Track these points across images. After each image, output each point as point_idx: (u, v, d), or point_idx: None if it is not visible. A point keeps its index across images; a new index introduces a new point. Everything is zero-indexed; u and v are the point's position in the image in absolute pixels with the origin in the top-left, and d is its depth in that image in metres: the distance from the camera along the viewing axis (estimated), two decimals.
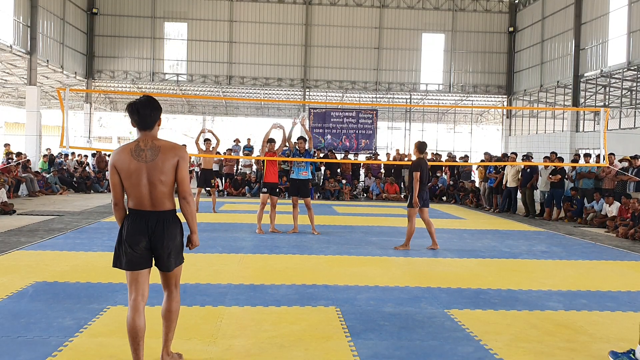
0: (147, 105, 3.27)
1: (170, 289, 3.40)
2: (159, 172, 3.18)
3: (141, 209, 3.22)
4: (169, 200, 3.26)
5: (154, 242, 3.22)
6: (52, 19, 21.03)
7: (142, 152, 3.20)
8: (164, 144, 3.26)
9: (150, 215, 3.21)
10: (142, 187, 3.19)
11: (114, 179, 3.23)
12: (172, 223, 3.26)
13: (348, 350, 3.86)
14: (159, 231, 3.21)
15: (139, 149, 3.20)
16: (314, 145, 20.68)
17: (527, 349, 3.98)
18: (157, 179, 3.18)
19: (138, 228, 3.20)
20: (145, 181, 3.18)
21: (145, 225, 3.20)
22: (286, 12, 24.91)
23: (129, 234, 3.21)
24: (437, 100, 27.35)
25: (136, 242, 3.20)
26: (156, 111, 3.29)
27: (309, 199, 9.47)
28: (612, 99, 21.54)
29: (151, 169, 3.18)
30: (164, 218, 3.23)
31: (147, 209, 3.22)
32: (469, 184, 17.02)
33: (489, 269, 6.92)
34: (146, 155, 3.19)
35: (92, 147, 25.29)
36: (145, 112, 3.25)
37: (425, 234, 9.68)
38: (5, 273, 5.81)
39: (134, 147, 3.21)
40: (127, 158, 3.18)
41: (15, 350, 3.67)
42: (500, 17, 25.57)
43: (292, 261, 7.02)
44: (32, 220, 10.08)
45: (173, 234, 3.26)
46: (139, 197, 3.21)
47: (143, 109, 3.25)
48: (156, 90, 26.15)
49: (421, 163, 8.06)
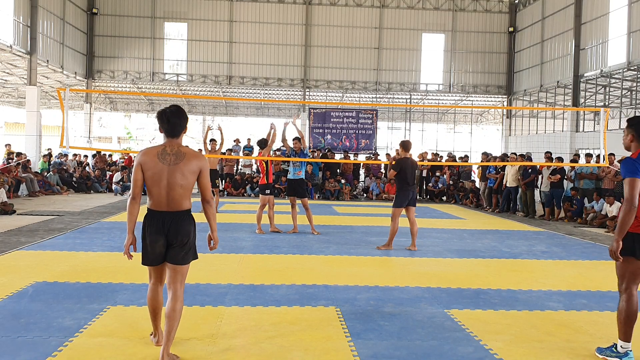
0: (177, 114, 3.52)
1: (175, 287, 3.54)
2: (180, 175, 3.44)
3: (158, 209, 3.47)
4: (185, 201, 3.51)
5: (169, 239, 3.48)
6: (52, 19, 21.04)
7: (167, 155, 3.46)
8: (188, 151, 3.53)
9: (166, 216, 3.47)
10: (161, 188, 3.44)
11: (137, 175, 3.46)
12: (187, 220, 3.52)
13: (348, 350, 3.86)
14: (173, 228, 3.47)
15: (165, 152, 3.47)
16: (314, 146, 20.71)
17: (527, 349, 3.98)
18: (177, 182, 3.44)
19: (156, 228, 3.47)
20: (165, 182, 3.43)
21: (162, 224, 3.47)
22: (286, 12, 24.91)
23: (149, 233, 3.49)
24: (437, 100, 27.35)
25: (155, 240, 3.48)
26: (184, 120, 3.57)
27: (306, 199, 9.48)
28: (612, 99, 21.54)
29: (173, 172, 3.43)
30: (179, 217, 3.49)
31: (164, 209, 3.47)
32: (469, 184, 17.02)
33: (489, 269, 6.92)
34: (170, 159, 3.45)
35: (92, 147, 25.30)
36: (175, 120, 3.51)
37: (424, 234, 9.68)
38: (5, 273, 5.81)
39: (161, 150, 3.48)
40: (153, 159, 3.45)
41: (15, 350, 3.67)
42: (500, 17, 25.57)
43: (292, 261, 7.01)
44: (32, 220, 10.08)
45: (187, 230, 3.51)
46: (158, 197, 3.46)
47: (173, 118, 3.50)
48: (156, 90, 26.17)
49: (404, 162, 8.01)
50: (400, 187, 8.01)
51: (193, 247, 3.62)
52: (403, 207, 8.02)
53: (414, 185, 8.20)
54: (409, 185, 8.01)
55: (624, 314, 3.71)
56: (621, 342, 3.77)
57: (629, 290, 3.74)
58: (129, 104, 30.52)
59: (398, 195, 8.03)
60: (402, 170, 7.95)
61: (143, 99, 29.31)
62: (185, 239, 3.51)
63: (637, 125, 3.83)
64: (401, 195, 7.99)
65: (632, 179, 3.64)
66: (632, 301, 3.70)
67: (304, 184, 9.59)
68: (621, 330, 3.76)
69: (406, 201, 7.99)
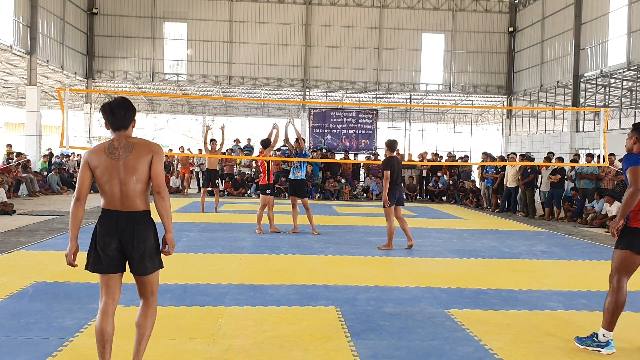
0: (121, 105, 3.21)
1: (145, 296, 3.24)
2: (132, 168, 3.11)
3: (112, 209, 3.13)
4: (141, 200, 3.14)
5: (124, 244, 3.11)
6: (52, 19, 21.04)
7: (115, 150, 3.14)
8: (138, 141, 3.19)
9: (120, 216, 3.11)
10: (113, 185, 3.10)
11: (83, 174, 3.15)
12: (144, 224, 3.14)
13: (348, 350, 3.86)
14: (129, 231, 3.10)
15: (113, 147, 3.15)
16: (314, 146, 20.71)
17: (527, 349, 3.98)
18: (130, 175, 3.10)
19: (108, 229, 3.11)
20: (117, 179, 3.10)
21: (115, 225, 3.11)
22: (286, 12, 24.91)
23: (100, 235, 3.13)
24: (437, 100, 27.35)
25: (107, 243, 3.11)
26: (131, 112, 3.23)
27: (306, 199, 9.50)
28: (612, 99, 21.54)
29: (124, 165, 3.11)
30: (134, 218, 3.12)
31: (118, 208, 3.12)
32: (469, 184, 17.02)
33: (489, 269, 6.92)
34: (119, 153, 3.14)
35: (92, 147, 25.28)
36: (119, 112, 3.19)
37: (424, 234, 9.69)
38: (5, 273, 5.81)
39: (108, 146, 3.17)
40: (101, 156, 3.13)
41: (15, 350, 3.67)
42: (500, 17, 25.58)
43: (292, 261, 7.01)
44: (32, 220, 10.08)
45: (144, 235, 3.12)
46: (111, 195, 3.12)
47: (117, 109, 3.19)
48: (156, 90, 26.17)
49: (392, 161, 8.08)
50: (389, 186, 8.06)
51: (154, 255, 3.17)
52: (394, 205, 8.09)
53: (401, 184, 8.32)
54: (396, 185, 8.11)
55: (614, 305, 3.89)
56: (604, 331, 3.89)
57: (620, 282, 3.92)
58: None
59: (388, 194, 8.05)
60: (391, 169, 8.03)
61: (143, 99, 29.31)
62: (142, 245, 3.10)
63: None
64: (390, 195, 8.04)
65: (635, 167, 3.88)
66: (622, 292, 3.90)
67: (305, 184, 9.60)
68: (607, 320, 3.90)
69: (394, 200, 8.06)
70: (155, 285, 3.25)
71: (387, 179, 7.97)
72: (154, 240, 3.17)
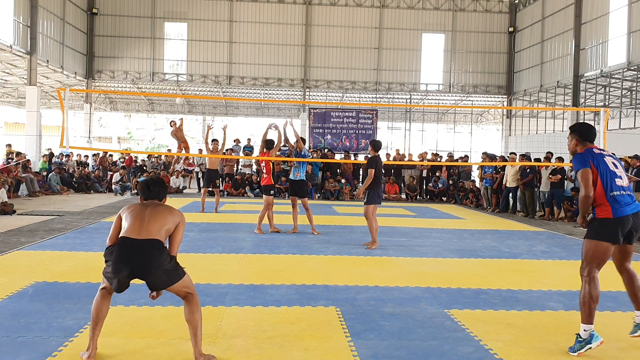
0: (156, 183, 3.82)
1: (183, 297, 3.59)
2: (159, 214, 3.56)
3: (129, 236, 3.46)
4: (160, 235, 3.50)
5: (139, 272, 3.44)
6: (52, 19, 21.04)
7: (147, 204, 3.68)
8: (168, 205, 3.74)
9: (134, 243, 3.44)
10: (137, 220, 3.51)
11: (116, 223, 3.66)
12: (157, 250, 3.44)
13: (348, 350, 3.86)
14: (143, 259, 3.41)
15: (145, 204, 3.69)
16: (314, 145, 20.71)
17: (527, 349, 3.98)
18: (154, 218, 3.53)
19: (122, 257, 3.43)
20: (143, 216, 3.53)
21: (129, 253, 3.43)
22: (286, 12, 24.92)
23: (114, 261, 3.44)
24: (437, 100, 27.36)
25: (119, 269, 3.42)
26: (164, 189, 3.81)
27: (306, 199, 9.52)
28: (612, 99, 21.55)
29: (152, 211, 3.58)
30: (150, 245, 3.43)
31: (135, 237, 3.45)
32: (469, 184, 17.02)
33: (489, 269, 6.92)
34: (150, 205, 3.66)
35: (92, 147, 25.30)
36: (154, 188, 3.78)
37: (424, 234, 9.69)
38: (5, 273, 5.81)
39: (140, 203, 3.72)
40: (133, 206, 3.66)
41: (15, 350, 3.67)
42: (500, 17, 25.58)
43: (292, 261, 7.01)
44: (32, 220, 10.07)
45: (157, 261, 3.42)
46: (133, 227, 3.49)
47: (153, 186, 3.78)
48: (156, 90, 26.17)
49: (377, 160, 8.24)
50: (373, 185, 8.15)
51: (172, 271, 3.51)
52: (378, 204, 8.20)
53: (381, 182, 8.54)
54: (380, 184, 8.28)
55: (588, 296, 3.87)
56: (584, 326, 3.85)
57: (591, 272, 3.93)
58: (129, 104, 30.53)
59: (372, 193, 8.15)
60: (376, 168, 8.14)
61: (143, 99, 29.32)
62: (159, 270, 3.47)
63: (579, 129, 4.21)
64: (374, 193, 8.14)
65: (582, 170, 3.97)
66: (596, 284, 3.91)
67: (305, 185, 9.61)
68: (585, 314, 3.87)
69: (378, 199, 8.17)
70: (187, 287, 3.58)
71: (370, 177, 8.09)
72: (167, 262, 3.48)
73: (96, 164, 19.65)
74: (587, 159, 3.99)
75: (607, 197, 3.92)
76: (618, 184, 3.96)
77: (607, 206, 3.92)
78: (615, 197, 3.91)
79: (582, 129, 4.21)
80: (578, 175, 4.02)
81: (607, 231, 3.91)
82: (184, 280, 3.55)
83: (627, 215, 3.90)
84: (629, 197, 3.97)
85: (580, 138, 4.18)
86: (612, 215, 3.89)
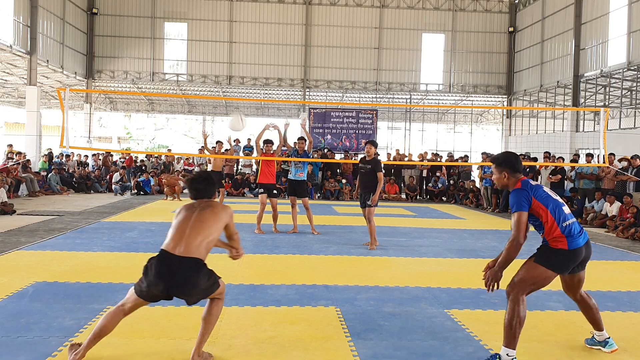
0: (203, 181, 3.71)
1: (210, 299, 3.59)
2: (203, 223, 3.46)
3: (169, 252, 3.38)
4: (199, 252, 3.41)
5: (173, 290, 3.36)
6: (52, 19, 21.04)
7: (195, 207, 3.57)
8: (216, 204, 3.62)
9: (173, 259, 3.36)
10: (179, 231, 3.44)
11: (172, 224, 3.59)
12: (195, 271, 3.37)
13: (348, 350, 3.86)
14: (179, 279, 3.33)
15: (193, 206, 3.60)
16: (314, 146, 20.71)
17: (527, 349, 3.97)
18: (197, 229, 3.43)
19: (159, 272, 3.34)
20: (186, 227, 3.44)
21: (167, 270, 3.34)
22: (286, 12, 24.92)
23: (151, 274, 3.36)
24: (437, 100, 27.36)
25: (154, 283, 3.35)
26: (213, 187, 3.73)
27: (307, 199, 9.53)
28: (612, 99, 21.55)
29: (197, 219, 3.47)
30: (188, 265, 3.35)
31: (175, 253, 3.37)
32: (469, 184, 17.02)
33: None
34: (197, 208, 3.55)
35: (92, 147, 25.30)
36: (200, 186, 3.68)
37: (424, 234, 9.69)
38: (5, 273, 5.81)
39: (190, 204, 3.63)
40: (184, 208, 3.59)
41: (15, 350, 3.67)
42: (500, 17, 25.58)
43: (292, 261, 7.01)
44: (32, 220, 10.07)
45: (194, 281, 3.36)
46: (174, 240, 3.41)
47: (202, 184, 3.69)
48: (156, 90, 26.17)
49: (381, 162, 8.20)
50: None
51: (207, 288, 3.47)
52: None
53: None
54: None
55: (518, 319, 3.58)
56: (507, 350, 3.57)
57: (522, 296, 3.66)
58: (129, 104, 30.52)
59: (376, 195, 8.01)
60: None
61: (143, 99, 29.32)
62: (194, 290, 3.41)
63: (507, 161, 3.75)
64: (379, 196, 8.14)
65: (519, 213, 3.58)
66: (524, 306, 3.63)
67: (305, 184, 9.62)
68: (510, 337, 3.58)
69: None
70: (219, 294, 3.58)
71: (381, 181, 8.03)
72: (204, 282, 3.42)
73: (97, 164, 19.64)
74: (527, 196, 3.59)
75: (561, 228, 3.60)
76: (566, 212, 3.68)
77: (562, 237, 3.60)
78: (569, 227, 3.61)
79: (509, 161, 3.74)
80: (513, 217, 3.60)
81: (559, 262, 3.65)
82: (217, 292, 3.57)
83: (581, 247, 3.65)
84: (578, 225, 3.71)
85: (511, 171, 3.72)
86: (568, 247, 3.60)
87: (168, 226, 3.62)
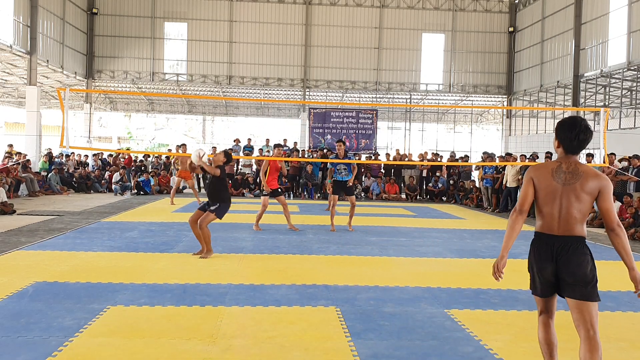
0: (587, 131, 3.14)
1: (585, 328, 3.02)
2: (575, 197, 3.09)
3: (548, 233, 3.17)
4: (579, 227, 3.13)
5: (559, 268, 3.11)
6: (52, 19, 21.04)
7: (562, 174, 3.13)
8: (587, 169, 3.12)
9: (555, 240, 3.13)
10: (554, 210, 3.13)
11: (527, 189, 3.25)
12: (579, 249, 3.09)
13: (348, 350, 3.86)
14: (563, 257, 3.09)
15: (561, 170, 3.14)
16: (314, 145, 20.73)
17: (527, 349, 3.98)
18: (571, 203, 3.09)
19: (544, 255, 3.16)
20: (558, 204, 3.12)
21: (550, 251, 3.14)
22: (286, 12, 24.92)
23: (536, 260, 3.20)
24: (437, 100, 27.36)
25: (542, 268, 3.16)
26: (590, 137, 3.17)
27: (354, 197, 10.00)
28: (612, 99, 21.55)
29: (567, 192, 3.10)
30: (570, 243, 3.10)
31: (554, 233, 3.15)
32: (469, 184, 17.02)
33: (488, 269, 6.87)
34: (566, 177, 3.11)
35: (92, 147, 25.30)
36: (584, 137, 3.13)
37: (424, 234, 9.69)
38: (5, 273, 5.81)
39: (556, 167, 3.16)
40: (546, 176, 3.16)
41: (15, 350, 3.67)
42: (500, 17, 25.58)
43: (292, 261, 7.01)
44: (32, 220, 10.07)
45: (579, 260, 3.06)
46: (549, 220, 3.17)
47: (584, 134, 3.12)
48: (156, 90, 26.17)
49: None
50: None
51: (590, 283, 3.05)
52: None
53: None
54: None
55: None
56: None
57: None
58: (129, 104, 30.53)
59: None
60: None
61: (143, 99, 29.31)
62: (577, 270, 3.03)
63: None
64: None
65: None
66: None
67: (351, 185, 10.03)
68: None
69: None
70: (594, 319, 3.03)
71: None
72: (590, 268, 3.08)
73: (97, 164, 19.62)
74: None
75: None
76: None
77: None
78: None
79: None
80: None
81: None
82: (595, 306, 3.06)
83: None
84: None
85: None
86: None
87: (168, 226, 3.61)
